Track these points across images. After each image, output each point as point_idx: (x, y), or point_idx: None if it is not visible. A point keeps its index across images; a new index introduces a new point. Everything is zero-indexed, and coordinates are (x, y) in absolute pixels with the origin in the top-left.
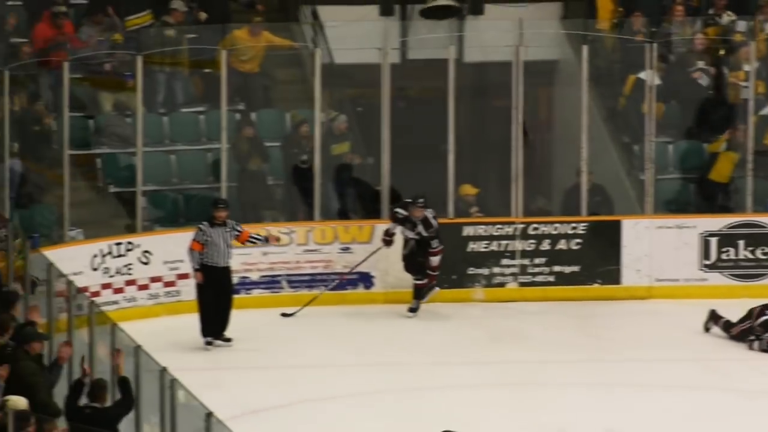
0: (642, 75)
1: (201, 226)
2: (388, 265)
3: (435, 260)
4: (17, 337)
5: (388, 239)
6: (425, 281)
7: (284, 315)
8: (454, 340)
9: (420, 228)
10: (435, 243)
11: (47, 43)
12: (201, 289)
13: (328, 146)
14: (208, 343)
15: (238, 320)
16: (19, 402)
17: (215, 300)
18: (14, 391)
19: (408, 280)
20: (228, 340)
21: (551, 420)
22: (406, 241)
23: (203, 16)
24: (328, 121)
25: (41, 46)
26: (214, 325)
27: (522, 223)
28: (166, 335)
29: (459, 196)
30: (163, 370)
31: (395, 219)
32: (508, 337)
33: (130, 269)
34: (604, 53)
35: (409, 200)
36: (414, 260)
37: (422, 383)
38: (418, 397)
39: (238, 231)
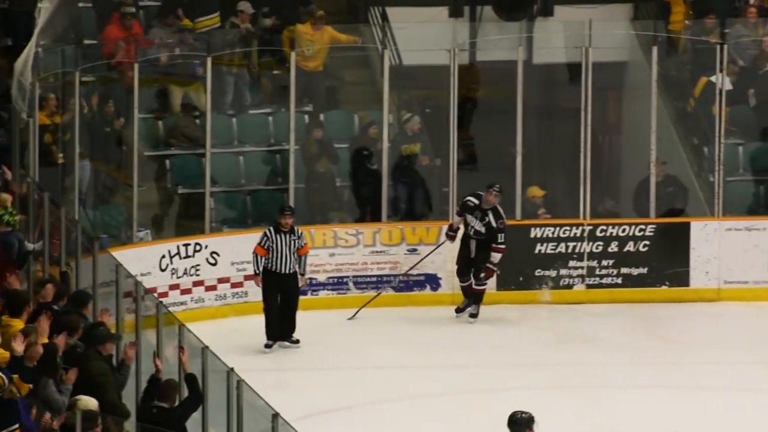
0: (713, 78)
1: (267, 231)
2: (455, 268)
3: (497, 257)
4: (88, 338)
5: (452, 234)
6: (485, 285)
7: (349, 319)
8: (520, 342)
9: (490, 218)
10: (501, 237)
11: (116, 45)
12: (265, 293)
13: (399, 147)
14: (267, 346)
15: (305, 321)
16: (89, 402)
17: (279, 305)
18: (84, 391)
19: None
20: (296, 341)
21: (618, 423)
22: (466, 240)
23: (268, 22)
24: (401, 122)
25: (110, 48)
26: (276, 328)
27: (590, 224)
28: (233, 336)
29: (526, 197)
30: (230, 371)
31: (465, 208)
32: (575, 339)
33: (197, 270)
34: (675, 55)
35: (479, 193)
36: (471, 262)
37: (488, 385)
38: (483, 399)
39: (302, 244)
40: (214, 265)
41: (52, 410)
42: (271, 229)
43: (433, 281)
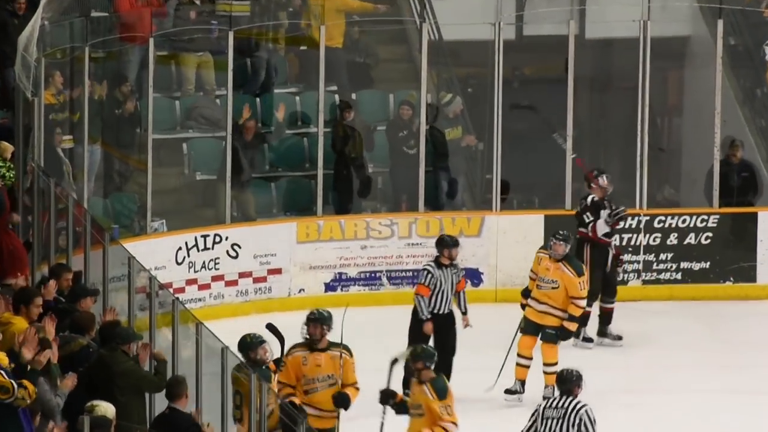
0: None
1: (429, 266)
2: (499, 261)
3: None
4: (110, 337)
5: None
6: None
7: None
8: (569, 343)
9: (613, 209)
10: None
11: (129, 17)
12: (416, 339)
13: (438, 130)
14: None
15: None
16: (108, 409)
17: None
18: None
19: (523, 277)
20: None
21: (676, 429)
22: (603, 252)
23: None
24: (441, 103)
25: (123, 20)
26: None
27: (647, 214)
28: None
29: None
30: (253, 374)
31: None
32: (631, 339)
33: (217, 264)
34: (742, 29)
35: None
36: (609, 276)
37: (535, 388)
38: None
39: (460, 277)
40: (235, 258)
41: (44, 413)
42: (432, 264)
43: (474, 276)
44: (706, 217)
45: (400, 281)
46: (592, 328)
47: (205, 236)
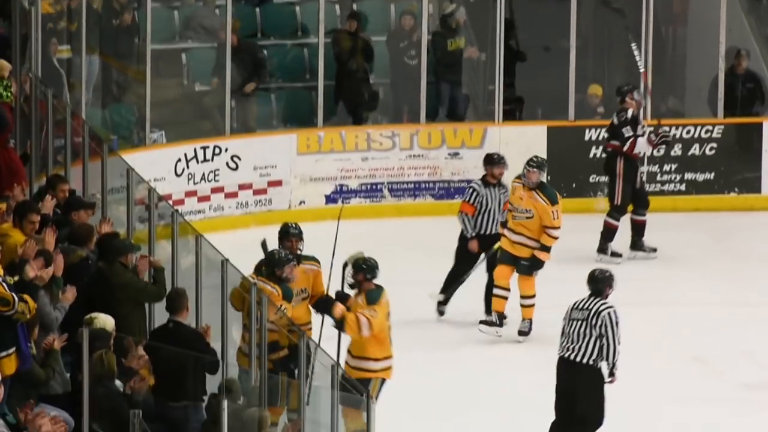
0: None
1: (474, 184)
2: None
3: None
4: (107, 249)
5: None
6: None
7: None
8: (572, 255)
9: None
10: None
11: None
12: (462, 258)
13: (440, 41)
14: (441, 311)
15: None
16: (107, 321)
17: (469, 270)
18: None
19: None
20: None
21: (683, 344)
22: (633, 166)
23: None
24: (444, 14)
25: None
26: (454, 291)
27: (651, 125)
28: (256, 248)
29: (585, 96)
30: (252, 285)
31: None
32: (634, 251)
33: (216, 175)
34: None
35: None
36: (639, 189)
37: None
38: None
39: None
40: (234, 169)
41: (43, 325)
42: (479, 182)
43: None
44: (710, 128)
45: (401, 193)
46: (619, 242)
47: (204, 148)
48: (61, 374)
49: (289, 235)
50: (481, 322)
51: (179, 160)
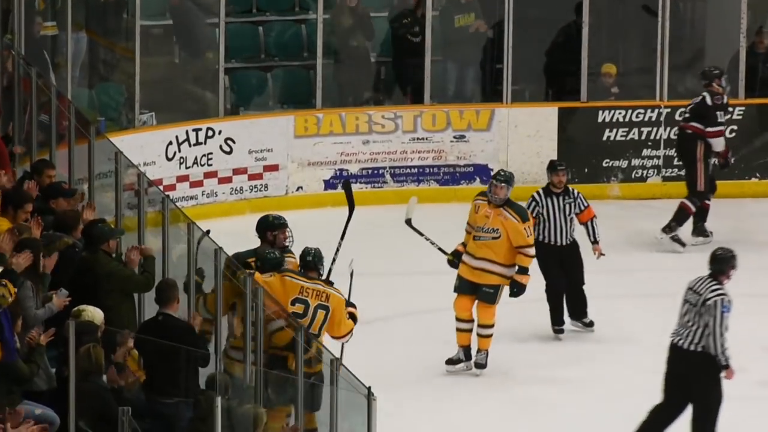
0: None
1: (535, 194)
2: (509, 157)
3: None
4: (89, 238)
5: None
6: None
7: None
8: (583, 243)
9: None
10: None
11: None
12: (546, 271)
13: (448, 17)
14: (557, 332)
15: (334, 218)
16: (95, 314)
17: (560, 283)
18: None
19: (535, 173)
20: (590, 323)
21: None
22: (710, 150)
23: None
24: None
25: None
26: (561, 312)
27: (667, 106)
28: (251, 235)
29: (599, 75)
30: (247, 276)
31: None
32: (649, 240)
33: (210, 159)
34: None
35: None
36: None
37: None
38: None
39: (583, 206)
40: (228, 153)
41: (24, 321)
42: (540, 191)
43: (483, 172)
44: (730, 109)
45: (404, 178)
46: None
47: (197, 130)
48: (45, 370)
49: (274, 226)
50: (447, 361)
51: (170, 143)
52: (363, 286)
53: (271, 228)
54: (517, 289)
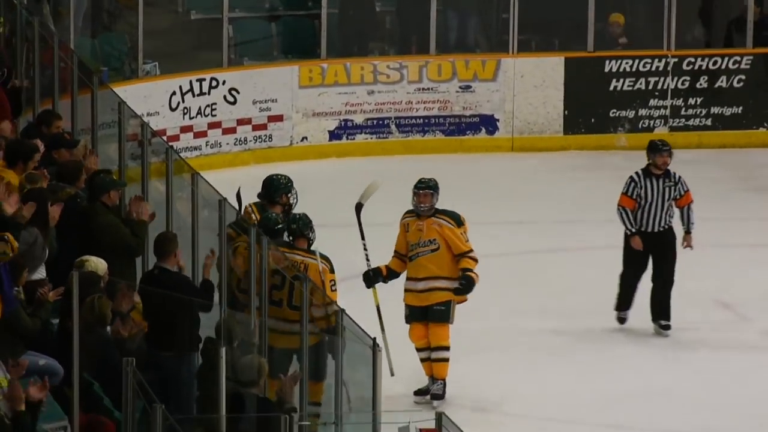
0: None
1: (633, 175)
2: (516, 107)
3: None
4: (89, 188)
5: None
6: None
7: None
8: (591, 194)
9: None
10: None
11: None
12: (628, 258)
13: None
14: (621, 320)
15: (339, 168)
16: (99, 264)
17: (639, 273)
18: (94, 250)
19: (541, 124)
20: (666, 327)
21: (709, 288)
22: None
23: None
24: None
25: None
26: (629, 299)
27: (675, 56)
28: (255, 186)
29: (606, 24)
30: (252, 227)
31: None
32: None
33: (213, 110)
34: None
35: None
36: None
37: (553, 244)
38: (548, 260)
39: (683, 190)
40: (232, 103)
41: (31, 259)
42: (639, 172)
43: (489, 123)
44: (738, 59)
45: (409, 129)
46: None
47: (200, 80)
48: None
49: (279, 190)
50: (415, 392)
51: (174, 93)
52: (368, 236)
53: (286, 191)
54: (466, 283)
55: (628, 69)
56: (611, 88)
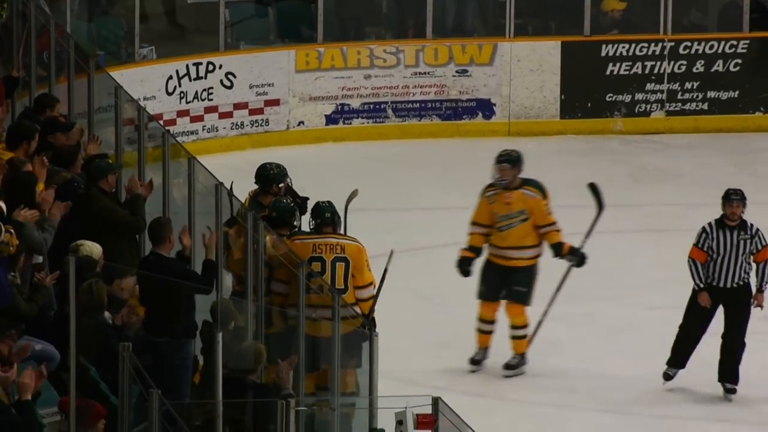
0: None
1: (706, 225)
2: (512, 91)
3: None
4: (88, 173)
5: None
6: None
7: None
8: (588, 179)
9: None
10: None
11: None
12: (693, 312)
13: None
14: (667, 377)
15: (336, 153)
16: (93, 248)
17: (697, 334)
18: (93, 234)
19: (538, 108)
20: (733, 391)
21: None
22: None
23: None
24: None
25: None
26: (684, 357)
27: (671, 40)
28: (252, 171)
29: (601, 10)
30: (250, 213)
31: None
32: (652, 175)
33: (210, 94)
34: None
35: None
36: None
37: None
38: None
39: (761, 244)
40: (229, 88)
41: (29, 249)
42: (712, 223)
43: (485, 107)
44: (735, 43)
45: (406, 113)
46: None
47: (197, 64)
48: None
49: (269, 180)
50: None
51: (170, 77)
52: (363, 221)
53: (277, 180)
54: (580, 258)
55: (624, 53)
56: (608, 72)
